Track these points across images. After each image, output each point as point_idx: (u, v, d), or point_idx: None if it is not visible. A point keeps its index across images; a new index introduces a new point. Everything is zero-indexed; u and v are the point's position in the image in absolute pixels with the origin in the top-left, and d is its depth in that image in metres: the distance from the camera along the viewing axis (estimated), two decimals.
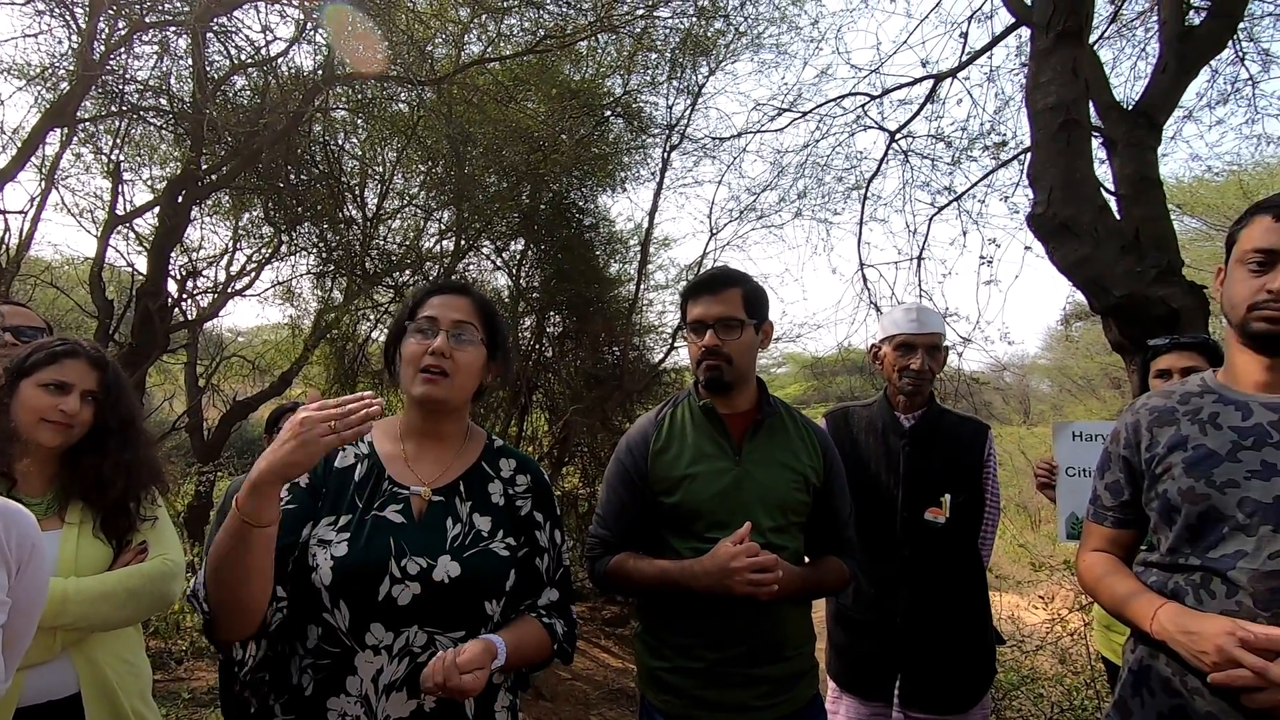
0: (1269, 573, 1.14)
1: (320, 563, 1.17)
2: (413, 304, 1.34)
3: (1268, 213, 1.24)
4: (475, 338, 1.30)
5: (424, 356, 1.26)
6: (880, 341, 2.21)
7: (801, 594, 1.59)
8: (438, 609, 1.18)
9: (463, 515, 1.28)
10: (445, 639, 1.18)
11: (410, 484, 1.27)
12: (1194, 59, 3.80)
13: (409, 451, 1.32)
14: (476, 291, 1.37)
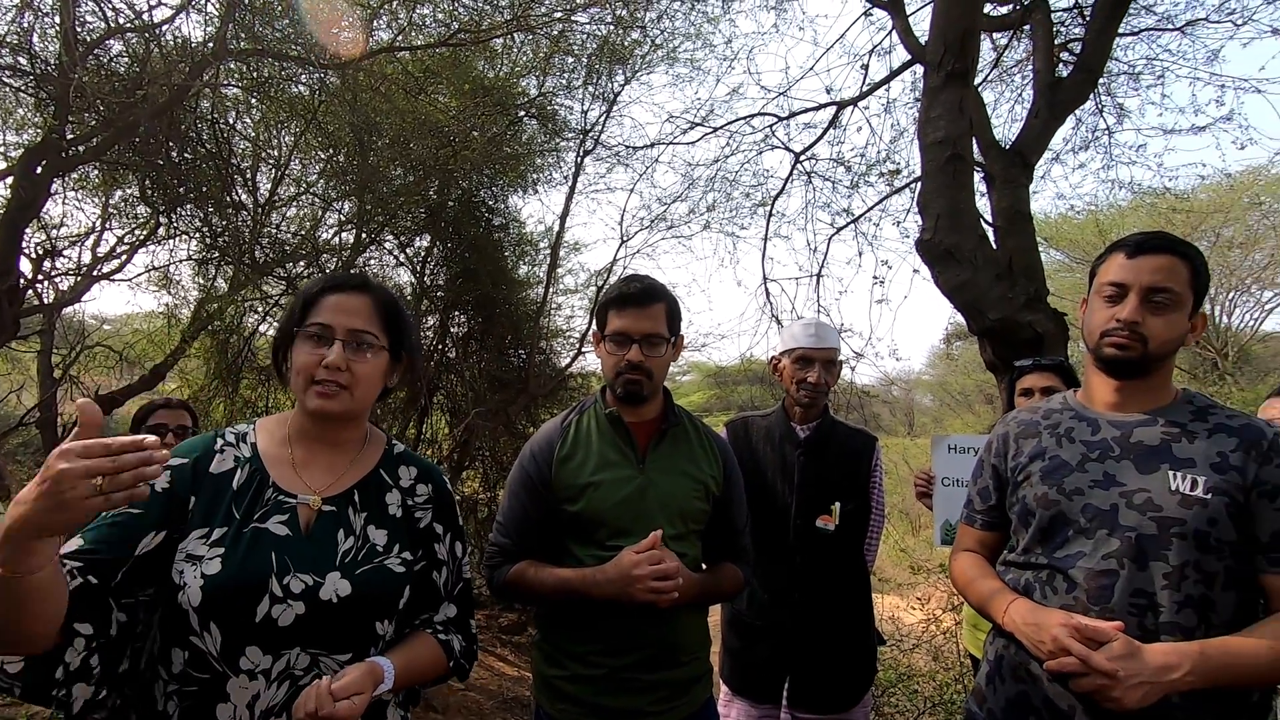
0: (1101, 571, 1.28)
1: (189, 581, 1.05)
2: (304, 302, 1.20)
3: (1121, 250, 1.38)
4: (376, 344, 1.20)
5: (318, 369, 1.15)
6: (780, 354, 2.29)
7: (699, 600, 1.63)
8: (324, 630, 1.09)
9: (356, 527, 1.19)
10: (331, 661, 1.10)
11: (298, 492, 1.17)
12: (1062, 107, 4.19)
13: (297, 456, 1.21)
14: (377, 287, 1.25)
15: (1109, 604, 1.26)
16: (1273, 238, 13.95)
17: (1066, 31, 5.07)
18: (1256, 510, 1.23)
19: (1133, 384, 1.37)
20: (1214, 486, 1.24)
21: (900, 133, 6.26)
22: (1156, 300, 1.32)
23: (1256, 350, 14.81)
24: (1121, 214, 9.35)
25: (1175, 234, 1.40)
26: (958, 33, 3.52)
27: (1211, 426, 1.30)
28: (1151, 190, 5.99)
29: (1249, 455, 1.25)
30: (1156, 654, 1.18)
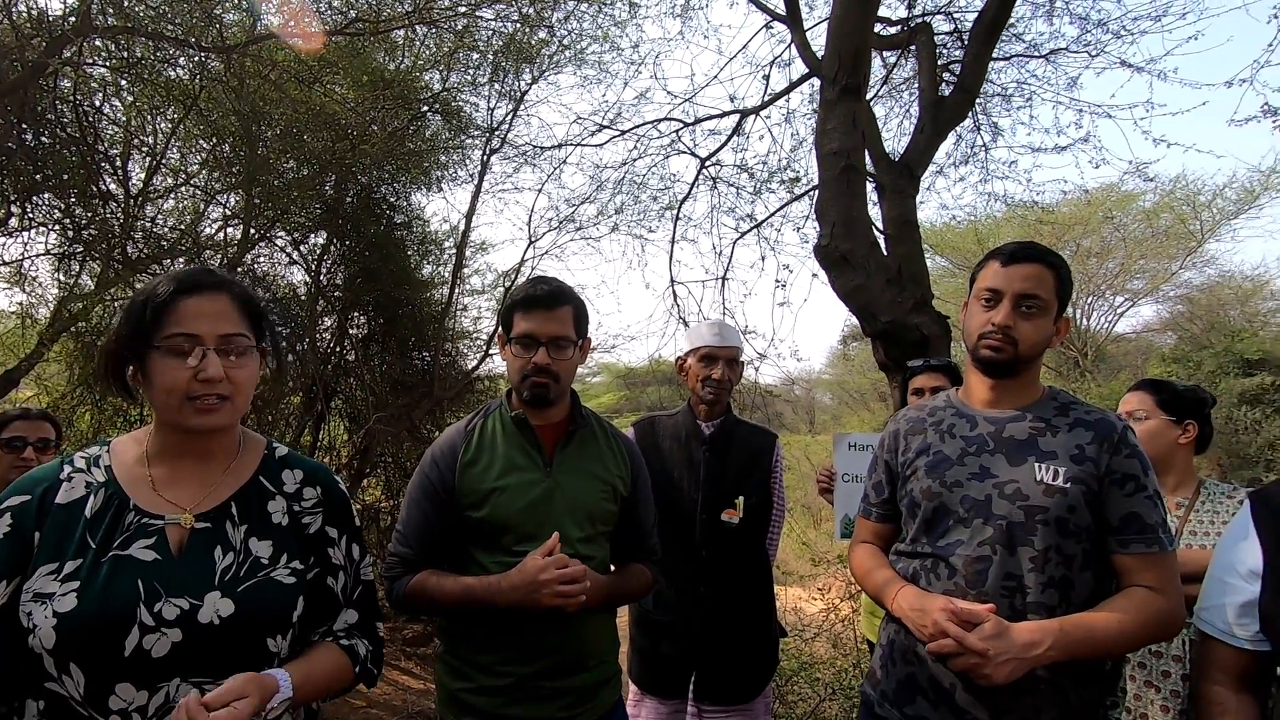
0: (977, 557, 1.39)
1: (39, 622, 0.95)
2: (153, 308, 1.06)
3: (996, 259, 1.50)
4: (249, 346, 1.12)
5: (192, 383, 1.05)
6: (686, 353, 2.35)
7: (608, 603, 1.63)
8: (206, 655, 1.02)
9: (235, 542, 1.10)
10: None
11: (164, 512, 1.07)
12: (944, 124, 4.49)
13: (160, 475, 1.11)
14: (233, 281, 1.15)
15: (984, 587, 1.36)
16: (1123, 248, 15.51)
17: (948, 53, 5.44)
18: (1108, 497, 1.36)
19: (1005, 383, 1.49)
20: (1073, 476, 1.36)
21: (800, 142, 6.51)
22: (1027, 306, 1.44)
23: (1110, 350, 16.40)
24: (997, 224, 10.13)
25: (1043, 244, 1.53)
26: (851, 49, 3.71)
27: (1071, 421, 1.43)
28: (1022, 203, 6.51)
29: (1102, 447, 1.38)
30: (1023, 632, 1.28)
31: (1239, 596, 1.20)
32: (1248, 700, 1.20)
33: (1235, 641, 1.21)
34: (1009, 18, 4.53)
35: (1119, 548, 1.35)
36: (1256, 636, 1.18)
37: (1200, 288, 15.95)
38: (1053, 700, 1.33)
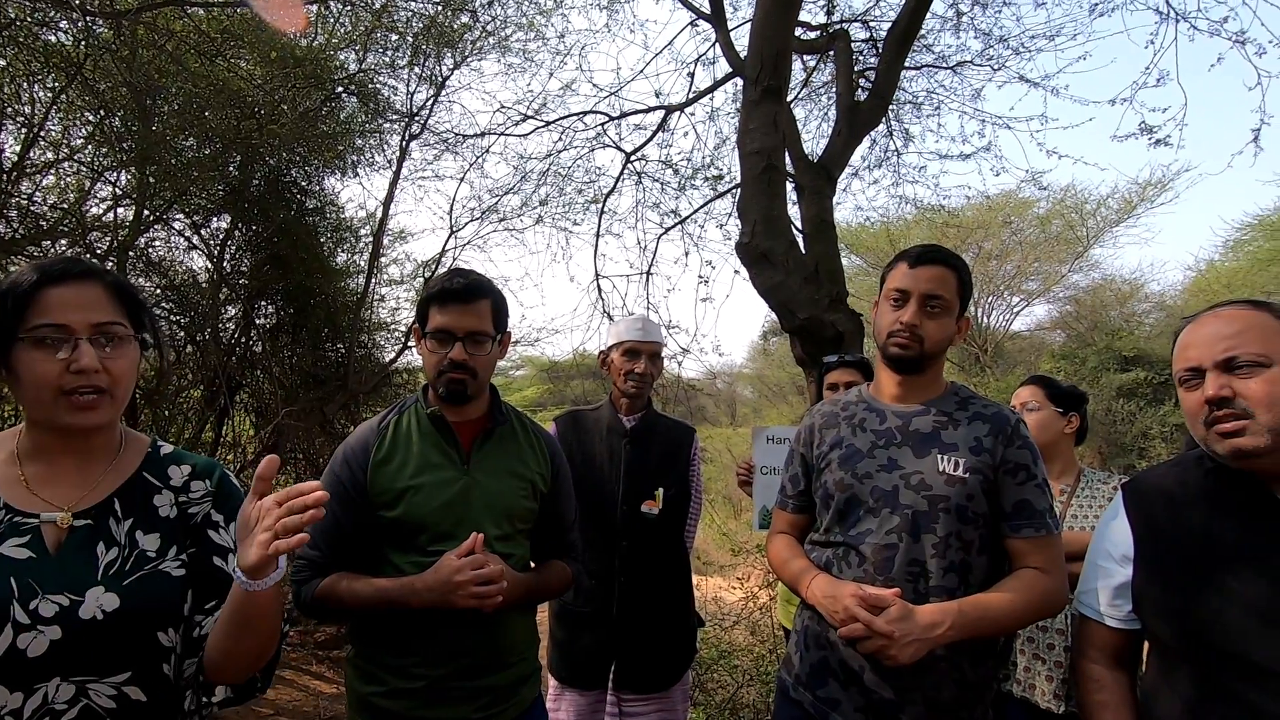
0: (884, 545, 1.45)
1: None
2: (14, 298, 1.00)
3: (905, 261, 1.57)
4: (126, 334, 1.06)
5: (65, 376, 0.99)
6: (609, 348, 2.37)
7: (527, 601, 1.62)
8: (89, 652, 0.97)
9: (120, 536, 1.06)
10: (102, 686, 0.98)
11: (39, 511, 1.02)
12: (860, 128, 4.66)
13: (33, 474, 1.05)
14: (103, 270, 1.09)
15: (891, 573, 1.43)
16: (1019, 251, 16.59)
17: (864, 60, 5.65)
18: (1002, 485, 1.45)
19: (912, 379, 1.57)
20: (971, 467, 1.45)
21: (723, 140, 6.62)
22: (932, 306, 1.51)
23: (1008, 346, 17.51)
24: (908, 226, 10.61)
25: (948, 246, 1.62)
26: (772, 52, 3.79)
27: (971, 415, 1.52)
28: (930, 207, 6.86)
29: (997, 439, 1.47)
30: (925, 614, 1.35)
31: (1113, 580, 1.31)
32: (1121, 675, 1.31)
33: (1109, 622, 1.32)
34: (920, 29, 4.75)
35: (1011, 532, 1.45)
36: (1128, 617, 1.29)
37: (1086, 289, 17.25)
38: (951, 677, 1.41)
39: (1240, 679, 1.08)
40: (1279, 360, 1.12)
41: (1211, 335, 1.18)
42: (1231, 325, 1.17)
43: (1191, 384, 1.20)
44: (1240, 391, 1.13)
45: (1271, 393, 1.11)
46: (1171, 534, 1.23)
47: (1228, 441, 1.13)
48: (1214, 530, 1.18)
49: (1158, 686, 1.23)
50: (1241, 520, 1.15)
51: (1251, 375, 1.12)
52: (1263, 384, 1.11)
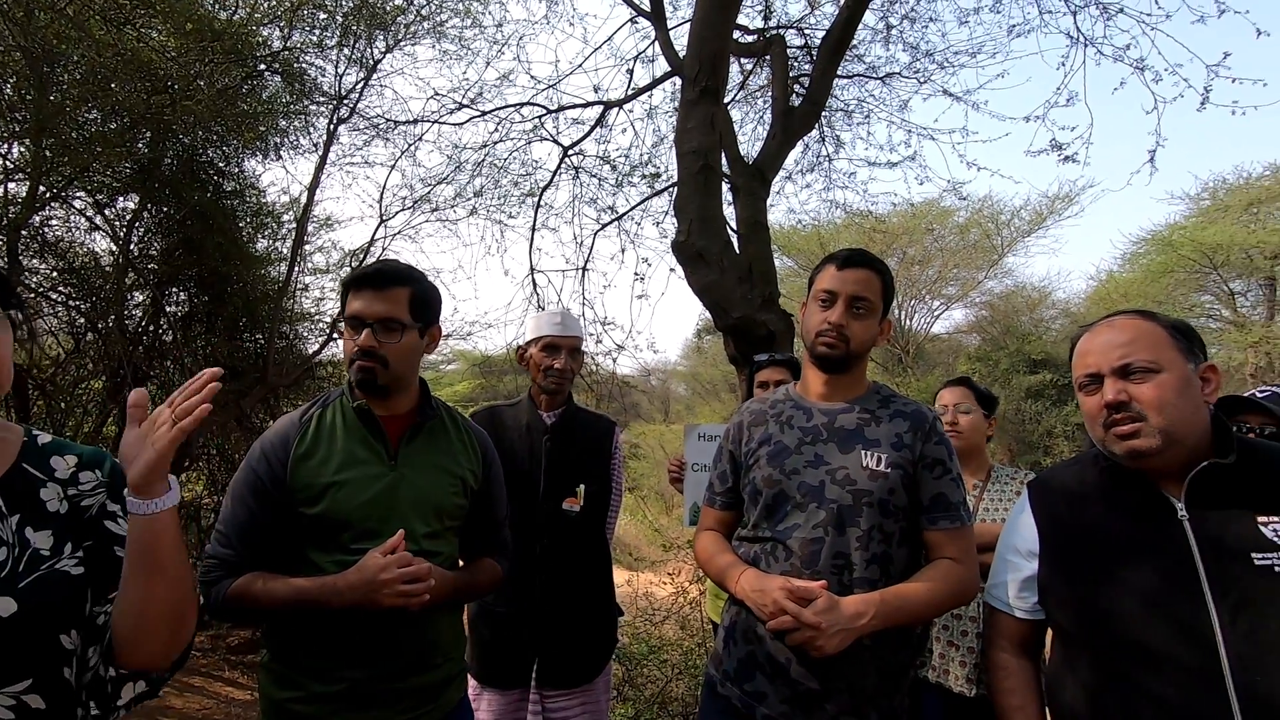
0: (811, 539, 1.50)
1: None
2: None
3: (832, 263, 1.62)
4: None
5: None
6: (527, 343, 2.34)
7: (455, 599, 1.59)
8: None
9: (7, 535, 0.98)
10: (1, 697, 0.91)
11: None
12: (793, 132, 4.77)
13: None
14: None
15: (817, 567, 1.47)
16: (940, 258, 17.36)
17: (798, 66, 5.79)
18: (920, 479, 1.52)
19: (838, 378, 1.62)
20: (893, 462, 1.51)
21: (661, 139, 6.67)
22: (858, 307, 1.56)
23: (928, 348, 18.31)
24: (837, 230, 10.94)
25: (874, 251, 1.68)
26: (711, 53, 3.83)
27: (892, 412, 1.58)
28: (859, 211, 7.09)
29: (916, 435, 1.54)
30: (850, 605, 1.40)
31: (1020, 573, 1.39)
32: (1026, 663, 1.40)
33: (1017, 613, 1.40)
34: (852, 39, 4.90)
35: (928, 524, 1.51)
36: (1034, 608, 1.37)
37: (999, 296, 18.23)
38: (873, 665, 1.46)
39: (1135, 664, 1.17)
40: (1168, 367, 1.21)
41: (1107, 343, 1.27)
42: (1125, 334, 1.26)
43: (1090, 389, 1.28)
44: (1135, 396, 1.21)
45: (1162, 396, 1.20)
46: (1072, 529, 1.32)
47: (1124, 443, 1.22)
48: (1110, 526, 1.26)
49: (1061, 673, 1.31)
50: (1133, 516, 1.24)
51: (1144, 380, 1.21)
52: (1154, 389, 1.20)
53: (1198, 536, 1.17)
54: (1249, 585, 1.11)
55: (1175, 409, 1.19)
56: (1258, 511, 1.15)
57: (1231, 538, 1.15)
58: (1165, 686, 1.13)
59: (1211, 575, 1.14)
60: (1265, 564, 1.11)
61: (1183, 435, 1.19)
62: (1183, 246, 15.01)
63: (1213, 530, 1.17)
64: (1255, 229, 14.51)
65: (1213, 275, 15.30)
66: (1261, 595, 1.10)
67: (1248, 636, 1.09)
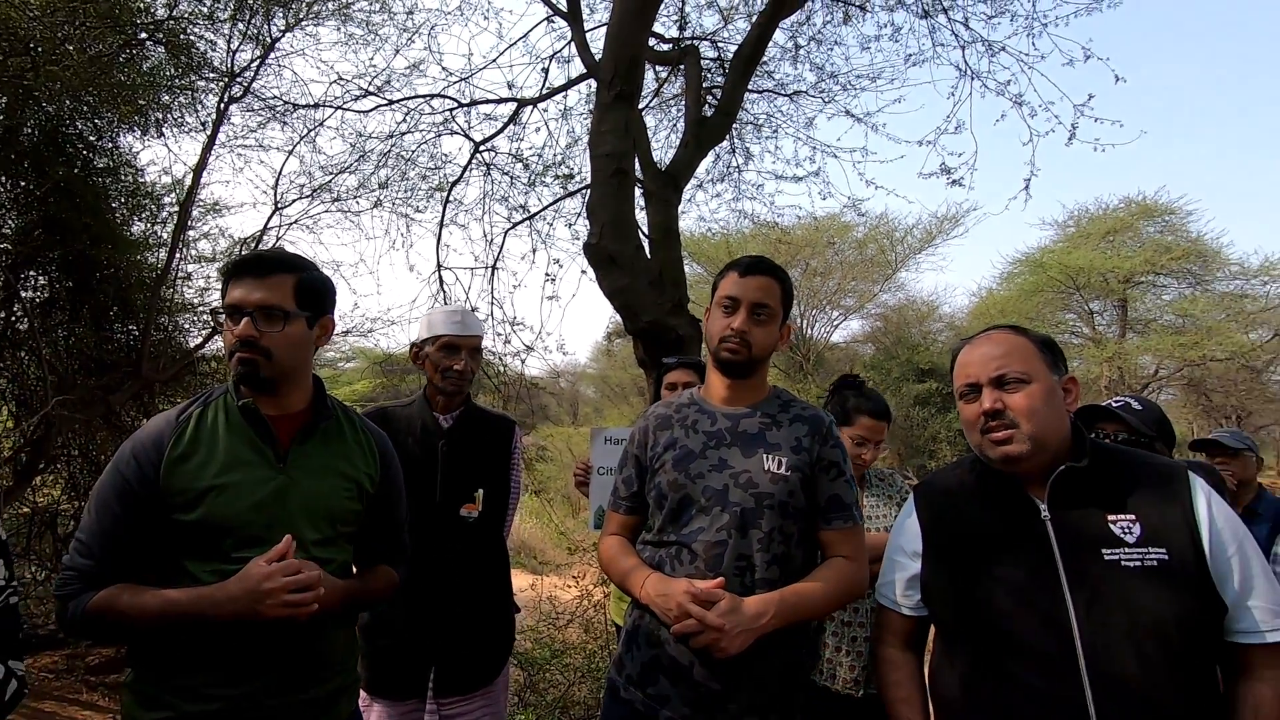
0: (715, 542, 1.53)
1: None
2: None
3: (735, 270, 1.66)
4: None
5: None
6: (423, 341, 2.23)
7: (349, 608, 1.51)
8: None
9: None
10: None
11: None
12: (705, 142, 4.87)
13: None
14: None
15: (720, 569, 1.50)
16: (840, 270, 18.21)
17: (711, 78, 5.92)
18: (817, 481, 1.58)
19: (741, 382, 1.66)
20: (793, 465, 1.56)
21: (575, 140, 6.63)
22: (759, 314, 1.61)
23: (827, 356, 19.13)
24: (745, 239, 11.24)
25: (779, 261, 1.73)
26: (627, 58, 3.86)
27: (792, 417, 1.64)
28: (766, 222, 7.32)
29: (814, 439, 1.60)
30: (751, 605, 1.44)
31: (906, 572, 1.48)
32: (912, 657, 1.49)
33: (903, 610, 1.49)
34: (763, 56, 5.06)
35: (824, 524, 1.58)
36: (918, 605, 1.46)
37: (892, 308, 19.33)
38: (773, 666, 1.51)
39: (1005, 654, 1.27)
40: (1037, 378, 1.33)
41: (985, 356, 1.37)
42: (1000, 347, 1.37)
43: (970, 397, 1.39)
44: (1009, 404, 1.32)
45: (1032, 405, 1.31)
46: (951, 529, 1.41)
47: (999, 448, 1.32)
48: (983, 526, 1.37)
49: (940, 665, 1.41)
50: (1004, 516, 1.35)
51: (1017, 390, 1.32)
52: (1025, 398, 1.31)
53: (1057, 534, 1.28)
54: (1100, 579, 1.22)
55: (1042, 417, 1.30)
56: (1108, 510, 1.27)
57: (1085, 535, 1.26)
58: (1030, 674, 1.23)
59: (1069, 570, 1.25)
60: (1113, 559, 1.23)
61: (1048, 441, 1.30)
62: (1051, 268, 16.45)
63: (1070, 528, 1.28)
64: (1111, 255, 16.11)
65: (1075, 295, 16.86)
66: (1109, 588, 1.21)
67: (1099, 627, 1.20)
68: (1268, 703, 1.17)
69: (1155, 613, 1.18)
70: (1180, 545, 1.22)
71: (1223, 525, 1.23)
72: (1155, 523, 1.24)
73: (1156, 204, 16.26)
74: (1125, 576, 1.21)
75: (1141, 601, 1.19)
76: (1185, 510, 1.24)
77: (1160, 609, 1.18)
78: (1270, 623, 1.18)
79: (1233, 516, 1.26)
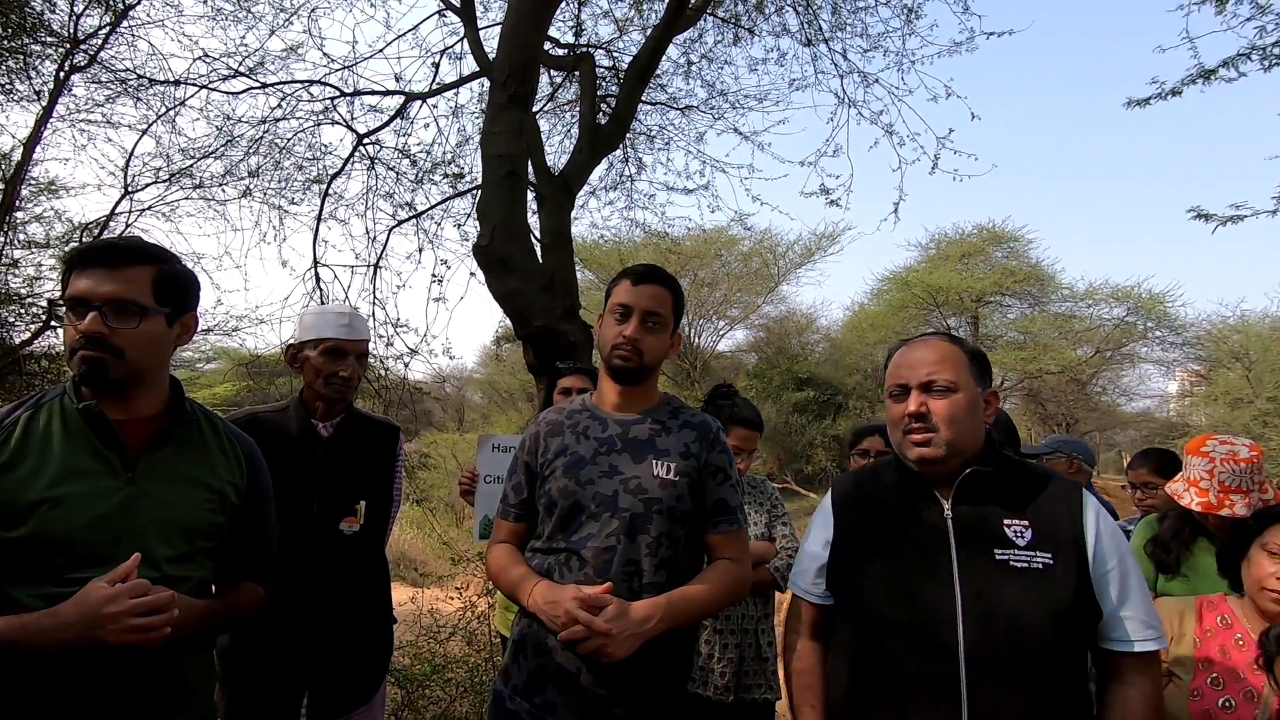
0: (604, 548, 1.53)
1: None
2: None
3: (628, 278, 1.68)
4: None
5: None
6: (301, 343, 2.07)
7: (207, 630, 1.39)
8: None
9: None
10: None
11: None
12: (599, 149, 4.89)
13: None
14: None
15: (609, 574, 1.51)
16: (727, 282, 18.86)
17: (606, 87, 5.96)
18: (705, 486, 1.62)
19: (632, 389, 1.68)
20: (681, 471, 1.59)
21: (466, 139, 6.47)
22: (651, 322, 1.64)
23: (714, 364, 19.72)
24: (637, 248, 11.42)
25: (668, 269, 1.77)
26: (521, 60, 3.82)
27: (681, 423, 1.67)
28: (657, 232, 7.45)
29: (702, 445, 1.64)
30: (638, 609, 1.45)
31: (816, 562, 1.55)
32: (817, 645, 1.56)
33: (810, 599, 1.56)
34: (656, 68, 5.16)
35: (710, 528, 1.62)
36: (825, 594, 1.54)
37: (774, 320, 20.24)
38: (658, 669, 1.53)
39: (891, 638, 1.36)
40: (963, 388, 1.41)
41: (919, 360, 1.44)
42: (935, 354, 1.44)
43: (898, 397, 1.45)
44: (932, 410, 1.39)
45: (954, 413, 1.39)
46: (860, 518, 1.50)
47: (916, 449, 1.40)
48: (891, 519, 1.46)
49: (836, 648, 1.50)
50: (911, 512, 1.44)
51: (942, 398, 1.40)
52: (949, 406, 1.39)
53: (956, 532, 1.38)
54: (988, 576, 1.32)
55: (961, 425, 1.39)
56: (1005, 514, 1.37)
57: (981, 534, 1.36)
58: (911, 657, 1.33)
59: (961, 565, 1.35)
60: (1003, 558, 1.33)
61: (963, 447, 1.39)
62: (915, 286, 17.84)
63: (968, 527, 1.38)
64: (966, 276, 17.70)
65: (935, 312, 18.35)
66: (995, 585, 1.31)
67: (981, 619, 1.30)
68: (1134, 705, 1.29)
69: (1035, 611, 1.28)
70: (1065, 553, 1.32)
71: (1107, 540, 1.34)
72: (1046, 530, 1.35)
73: (1004, 231, 18.07)
74: (1012, 576, 1.31)
75: (1024, 600, 1.29)
76: (1075, 522, 1.35)
77: (1040, 609, 1.28)
78: (1141, 634, 1.30)
79: (1118, 533, 1.38)
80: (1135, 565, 1.36)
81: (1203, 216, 4.38)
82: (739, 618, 2.35)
